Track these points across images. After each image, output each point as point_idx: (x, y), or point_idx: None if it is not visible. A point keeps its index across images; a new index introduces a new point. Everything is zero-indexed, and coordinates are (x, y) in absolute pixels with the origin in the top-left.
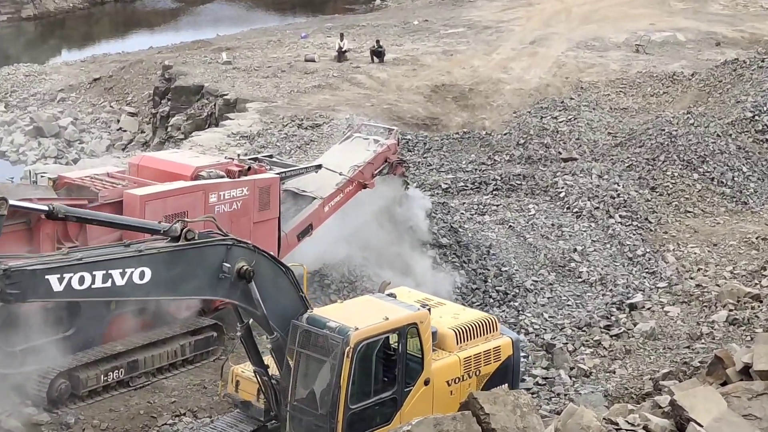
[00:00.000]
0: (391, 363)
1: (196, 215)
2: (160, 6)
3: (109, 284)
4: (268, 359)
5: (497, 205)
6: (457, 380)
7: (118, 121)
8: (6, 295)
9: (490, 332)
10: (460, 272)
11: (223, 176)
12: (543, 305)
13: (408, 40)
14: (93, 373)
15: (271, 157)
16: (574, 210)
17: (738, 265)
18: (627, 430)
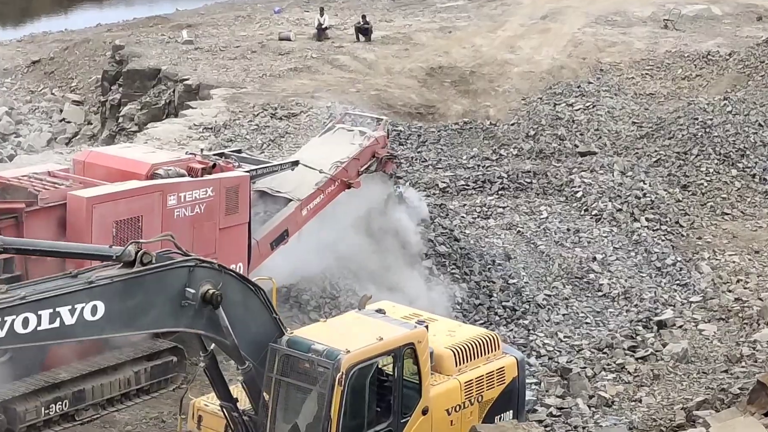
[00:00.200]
0: (386, 390)
1: (153, 220)
2: None
3: (57, 324)
4: (235, 389)
5: (503, 207)
6: (457, 408)
7: (61, 111)
8: None
9: (491, 351)
10: (461, 285)
11: (183, 175)
12: (557, 323)
13: (399, 15)
14: (32, 406)
15: (239, 152)
16: (593, 212)
17: None
18: None
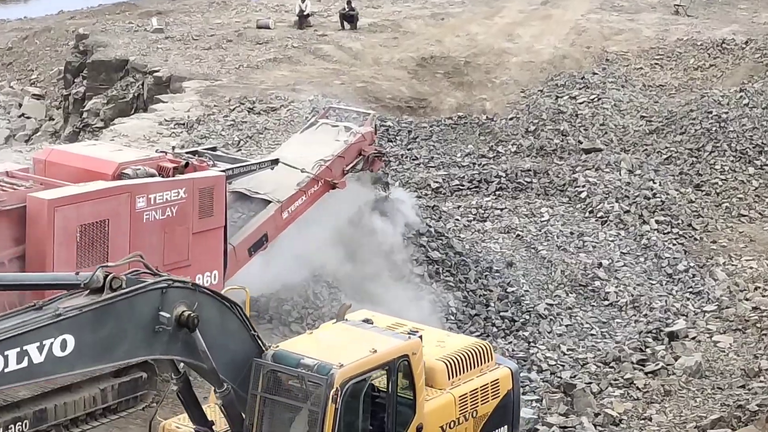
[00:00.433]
0: (378, 407)
1: (120, 224)
2: None
3: (25, 364)
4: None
5: (501, 209)
6: (452, 424)
7: (20, 106)
8: None
9: (484, 362)
10: (455, 294)
11: (154, 174)
12: (560, 335)
13: (387, 1)
14: None
15: (214, 149)
16: (599, 214)
17: None
18: None
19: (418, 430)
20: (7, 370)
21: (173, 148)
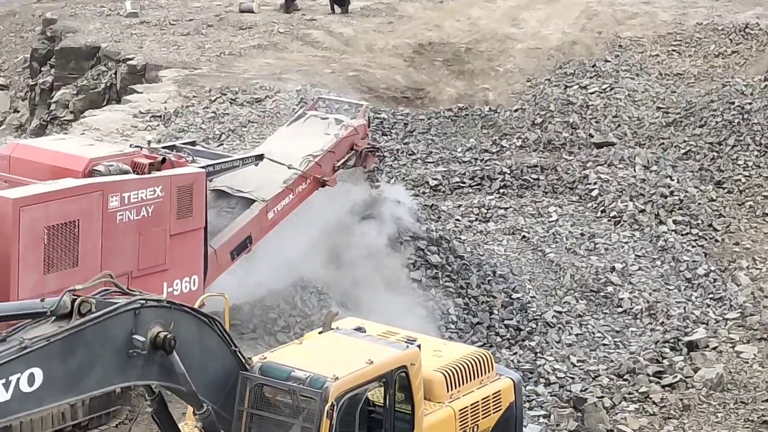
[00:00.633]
0: (374, 423)
1: (91, 225)
2: None
3: None
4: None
5: (506, 208)
6: None
7: None
8: None
9: (484, 373)
10: (456, 300)
11: (128, 171)
12: (569, 345)
13: None
14: None
15: (193, 144)
16: (612, 214)
17: None
18: None
19: None
20: None
21: (149, 142)
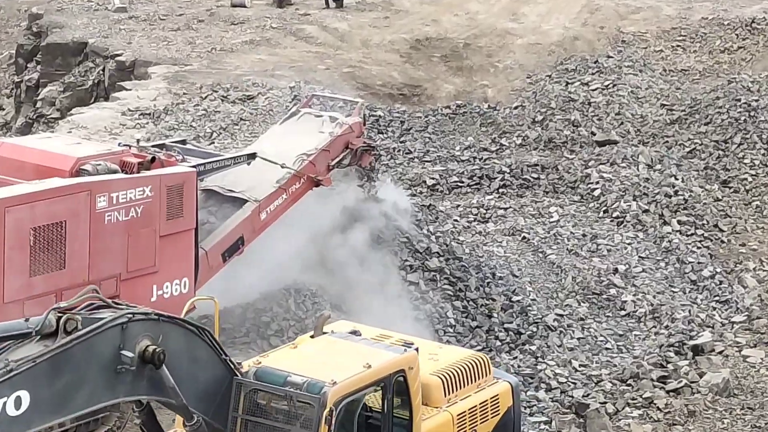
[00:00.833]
0: (372, 429)
1: (79, 226)
2: None
3: None
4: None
5: (505, 209)
6: None
7: None
8: None
9: (482, 376)
10: (454, 304)
11: (116, 171)
12: (571, 349)
13: None
14: None
15: (184, 143)
16: (614, 214)
17: None
18: None
19: None
20: None
21: (138, 141)
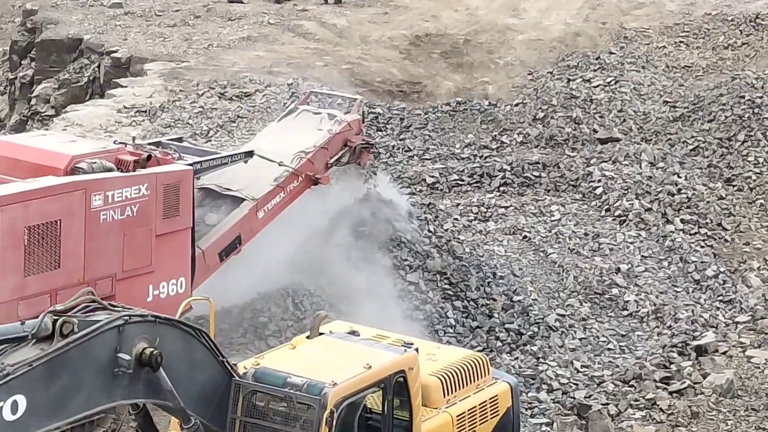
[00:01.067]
0: (372, 430)
1: (74, 225)
2: None
3: None
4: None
5: (506, 207)
6: None
7: None
8: None
9: (481, 377)
10: (454, 303)
11: (112, 169)
12: (573, 350)
13: None
14: None
15: (180, 140)
16: (616, 213)
17: None
18: None
19: None
20: None
21: (134, 138)
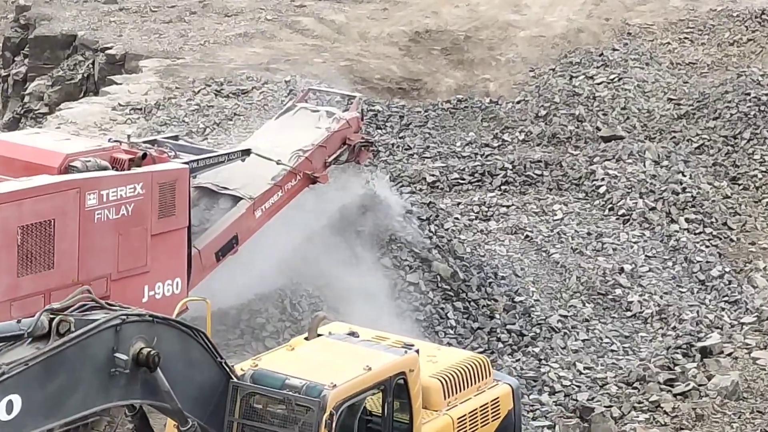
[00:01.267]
0: None
1: (68, 224)
2: None
3: None
4: None
5: (508, 206)
6: None
7: None
8: None
9: (482, 379)
10: (455, 304)
11: (106, 167)
12: (576, 351)
13: None
14: None
15: (176, 138)
16: (620, 212)
17: None
18: None
19: None
20: None
21: (129, 137)
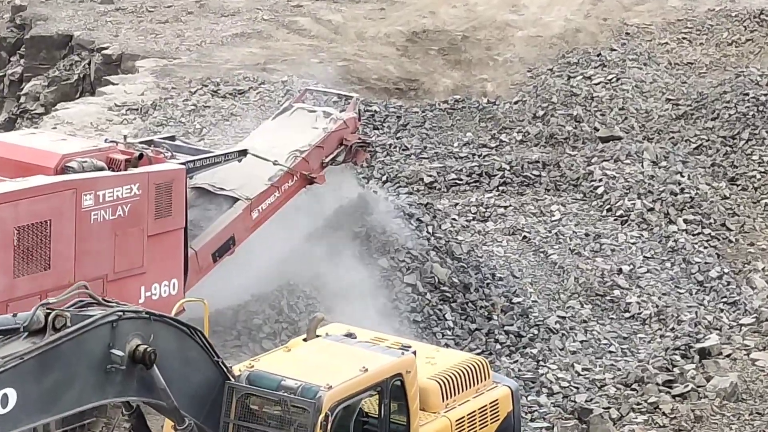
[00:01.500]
0: None
1: (64, 225)
2: None
3: None
4: None
5: (505, 207)
6: None
7: None
8: None
9: (481, 380)
10: (452, 305)
11: (103, 168)
12: (574, 352)
13: None
14: None
15: (173, 139)
16: (618, 213)
17: None
18: None
19: None
20: None
21: (125, 137)
